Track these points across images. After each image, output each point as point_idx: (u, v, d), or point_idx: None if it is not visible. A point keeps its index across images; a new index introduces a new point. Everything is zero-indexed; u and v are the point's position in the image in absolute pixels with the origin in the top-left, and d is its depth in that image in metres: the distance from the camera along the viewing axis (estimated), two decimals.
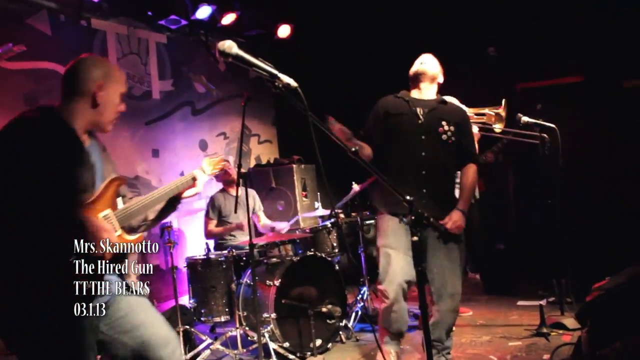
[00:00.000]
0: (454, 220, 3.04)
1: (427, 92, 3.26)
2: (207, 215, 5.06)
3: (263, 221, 5.18)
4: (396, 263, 3.06)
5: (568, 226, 4.21)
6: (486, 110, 4.14)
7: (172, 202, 2.31)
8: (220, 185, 5.28)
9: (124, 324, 2.06)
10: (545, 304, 4.12)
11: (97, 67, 2.08)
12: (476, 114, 4.32)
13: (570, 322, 3.94)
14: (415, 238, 1.89)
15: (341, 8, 6.16)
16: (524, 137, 4.45)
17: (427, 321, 1.98)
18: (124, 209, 2.09)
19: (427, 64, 3.26)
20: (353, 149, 1.83)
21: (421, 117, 3.14)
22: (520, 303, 4.88)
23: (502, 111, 4.17)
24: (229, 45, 1.68)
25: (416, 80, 3.26)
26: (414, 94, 3.27)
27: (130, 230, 2.15)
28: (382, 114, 3.19)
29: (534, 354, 3.58)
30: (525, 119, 4.09)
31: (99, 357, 2.24)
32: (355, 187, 4.92)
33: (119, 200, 2.11)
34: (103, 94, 2.04)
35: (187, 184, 2.29)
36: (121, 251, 1.99)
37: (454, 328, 3.88)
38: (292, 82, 1.70)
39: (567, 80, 6.11)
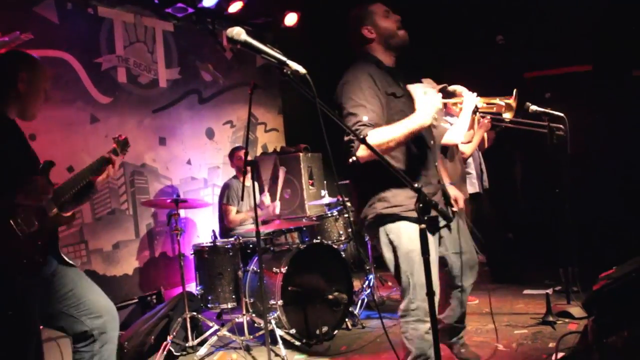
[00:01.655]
0: (455, 197, 2.96)
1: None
2: (226, 203, 4.97)
3: (267, 202, 5.19)
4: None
5: (575, 215, 4.20)
6: (497, 100, 4.11)
7: (88, 188, 2.56)
8: (225, 174, 5.31)
9: (70, 297, 2.36)
10: (551, 292, 4.12)
11: (23, 62, 2.37)
12: (487, 104, 4.30)
13: (576, 310, 3.94)
14: (423, 226, 1.90)
15: None
16: (532, 127, 4.43)
17: (434, 306, 1.98)
18: (55, 190, 2.38)
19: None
20: (362, 136, 1.83)
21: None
22: (526, 292, 4.89)
23: (512, 101, 4.14)
24: (238, 32, 1.68)
25: (397, 48, 2.70)
26: (387, 61, 2.69)
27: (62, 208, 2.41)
28: (383, 95, 2.52)
29: (539, 342, 3.59)
30: (533, 107, 4.07)
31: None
32: None
33: None
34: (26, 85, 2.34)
35: (98, 170, 2.54)
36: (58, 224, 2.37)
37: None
38: (301, 69, 1.70)
39: (576, 69, 6.05)
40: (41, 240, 2.25)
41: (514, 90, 4.18)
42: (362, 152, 2.33)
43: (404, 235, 2.52)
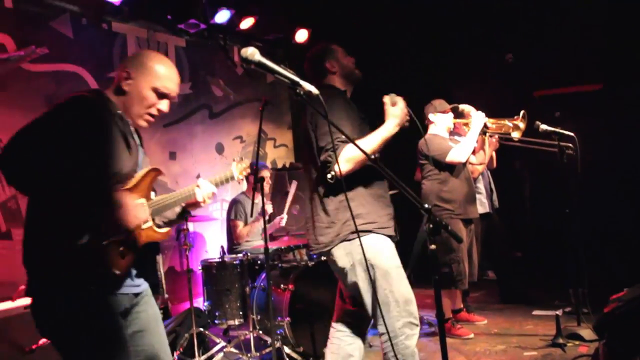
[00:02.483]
0: None
1: None
2: (234, 218, 4.95)
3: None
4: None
5: (585, 236, 4.16)
6: (505, 122, 4.11)
7: (185, 210, 2.31)
8: (234, 189, 5.32)
9: (137, 339, 1.97)
10: (561, 314, 4.07)
11: (133, 57, 2.07)
12: (495, 125, 4.31)
13: (587, 333, 3.89)
14: (433, 247, 1.89)
15: (358, 13, 6.17)
16: (542, 146, 4.42)
17: (444, 327, 1.97)
18: (156, 201, 2.07)
19: None
20: (372, 156, 1.84)
21: None
22: (535, 312, 4.83)
23: (520, 122, 4.13)
24: (252, 53, 1.70)
25: (353, 83, 2.86)
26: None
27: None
28: (357, 117, 2.64)
29: None
30: (543, 127, 4.06)
31: None
32: None
33: (152, 193, 2.09)
34: (130, 82, 2.00)
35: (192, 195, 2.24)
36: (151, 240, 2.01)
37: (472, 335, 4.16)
38: (314, 90, 1.72)
39: (586, 88, 6.05)
40: (126, 251, 1.88)
41: (522, 112, 4.18)
42: (343, 166, 2.37)
43: (384, 252, 2.51)
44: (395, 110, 2.49)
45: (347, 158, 2.41)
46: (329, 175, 2.40)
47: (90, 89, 2.06)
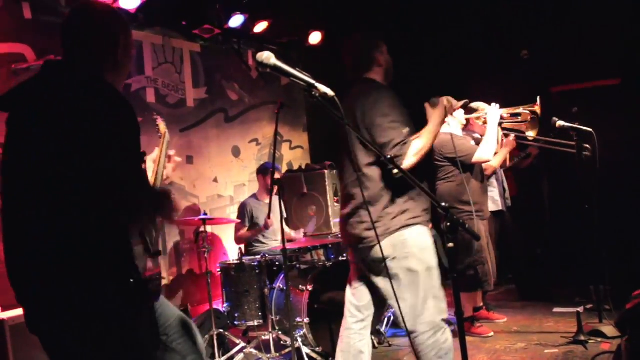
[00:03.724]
0: None
1: None
2: (239, 222, 5.09)
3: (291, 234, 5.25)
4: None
5: (606, 232, 4.12)
6: (520, 109, 4.06)
7: None
8: (252, 192, 5.36)
9: (168, 328, 2.08)
10: (582, 311, 4.03)
11: (120, 22, 1.90)
12: (511, 114, 4.22)
13: (609, 330, 3.85)
14: (451, 245, 1.90)
15: (371, 14, 6.18)
16: (557, 146, 4.38)
17: (463, 326, 1.97)
18: None
19: None
20: (388, 156, 1.85)
21: None
22: (556, 310, 4.80)
23: (537, 108, 4.05)
24: (267, 57, 1.73)
25: (389, 80, 2.89)
26: None
27: None
28: (408, 114, 2.69)
29: None
30: (560, 123, 4.02)
31: None
32: None
33: None
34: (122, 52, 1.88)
35: None
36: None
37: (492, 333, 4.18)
38: (329, 92, 1.73)
39: (603, 83, 5.98)
40: (157, 260, 1.88)
41: (538, 98, 4.09)
42: (411, 160, 2.45)
43: (429, 248, 2.59)
44: (439, 109, 2.67)
45: (415, 152, 2.48)
46: (395, 170, 2.43)
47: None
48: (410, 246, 2.54)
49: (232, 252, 5.72)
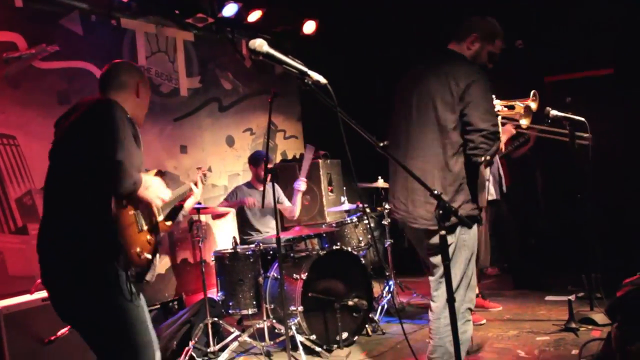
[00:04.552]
0: None
1: None
2: (225, 199, 5.24)
3: (287, 204, 5.24)
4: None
5: (598, 221, 4.15)
6: (516, 103, 4.07)
7: (177, 210, 2.68)
8: (246, 179, 5.37)
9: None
10: (574, 299, 4.07)
11: (136, 69, 2.48)
12: (506, 107, 4.24)
13: (599, 317, 3.89)
14: (443, 232, 1.91)
15: (366, 3, 6.16)
16: (551, 134, 4.39)
17: (455, 312, 1.99)
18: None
19: None
20: (381, 144, 1.86)
21: None
22: (548, 298, 4.84)
23: (532, 102, 4.06)
24: (260, 44, 1.72)
25: None
26: None
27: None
28: None
29: (562, 348, 3.56)
30: (554, 112, 4.03)
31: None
32: (380, 182, 4.95)
33: None
34: (143, 90, 2.41)
35: (185, 193, 2.82)
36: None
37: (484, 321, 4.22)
38: (322, 79, 1.73)
39: (597, 73, 5.99)
40: (150, 240, 2.27)
41: (532, 92, 4.11)
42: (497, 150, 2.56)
43: (473, 238, 2.64)
44: None
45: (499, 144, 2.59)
46: (482, 159, 2.46)
47: (104, 97, 2.28)
48: (462, 233, 2.60)
49: (226, 241, 5.73)
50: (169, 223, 2.49)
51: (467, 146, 2.56)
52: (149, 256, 2.22)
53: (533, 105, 4.04)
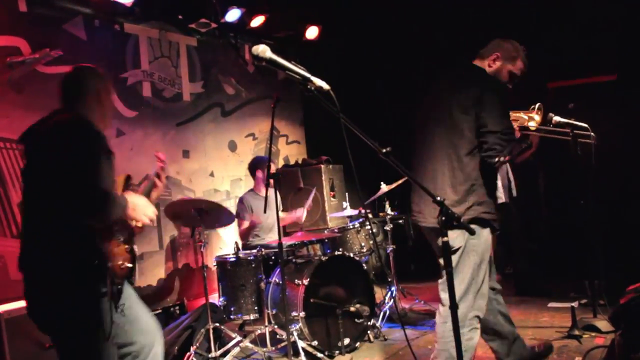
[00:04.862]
0: None
1: None
2: (239, 217, 4.96)
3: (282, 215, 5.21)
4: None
5: (601, 227, 4.13)
6: (521, 114, 4.08)
7: None
8: (248, 187, 5.35)
9: (126, 310, 2.35)
10: (577, 305, 4.05)
11: (96, 73, 2.49)
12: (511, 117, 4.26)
13: (603, 324, 3.87)
14: (446, 239, 1.90)
15: (369, 9, 6.17)
16: (556, 134, 4.38)
17: (457, 319, 1.98)
18: None
19: None
20: (384, 150, 1.85)
21: None
22: (551, 305, 4.82)
23: (535, 114, 4.08)
24: (263, 50, 1.72)
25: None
26: None
27: None
28: None
29: (565, 355, 3.54)
30: (557, 118, 4.03)
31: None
32: (384, 187, 4.94)
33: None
34: (105, 93, 2.45)
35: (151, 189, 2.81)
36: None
37: None
38: (325, 85, 1.73)
39: (600, 79, 5.98)
40: (127, 249, 2.32)
41: (538, 104, 4.12)
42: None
43: (488, 244, 2.63)
44: None
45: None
46: (495, 159, 2.47)
47: (73, 112, 2.33)
48: (476, 237, 2.58)
49: (228, 246, 5.73)
50: (139, 224, 2.52)
51: (481, 147, 2.58)
52: (130, 265, 2.30)
53: (537, 118, 4.06)
